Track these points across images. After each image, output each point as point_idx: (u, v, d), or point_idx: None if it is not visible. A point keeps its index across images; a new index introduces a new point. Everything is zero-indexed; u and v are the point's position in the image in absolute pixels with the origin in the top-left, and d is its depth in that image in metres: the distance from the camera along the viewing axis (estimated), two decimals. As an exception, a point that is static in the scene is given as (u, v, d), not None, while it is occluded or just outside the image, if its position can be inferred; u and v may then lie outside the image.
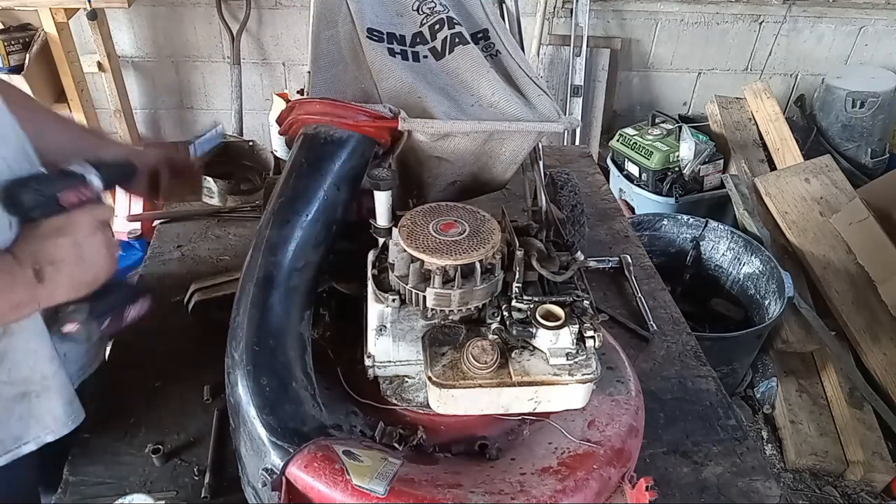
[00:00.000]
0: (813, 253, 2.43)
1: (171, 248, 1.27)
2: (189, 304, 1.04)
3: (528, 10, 2.85)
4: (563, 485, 0.70)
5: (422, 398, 0.79)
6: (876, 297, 2.30)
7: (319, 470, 0.66)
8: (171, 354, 1.02)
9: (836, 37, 3.13)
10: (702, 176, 2.79)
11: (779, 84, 3.23)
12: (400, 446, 0.75)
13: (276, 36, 2.91)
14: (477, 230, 0.75)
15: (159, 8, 2.82)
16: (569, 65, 2.94)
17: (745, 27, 3.07)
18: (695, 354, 1.10)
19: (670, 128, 2.87)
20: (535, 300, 0.73)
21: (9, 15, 2.42)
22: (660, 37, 3.07)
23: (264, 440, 0.69)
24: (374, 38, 0.93)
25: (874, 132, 2.98)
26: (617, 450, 0.75)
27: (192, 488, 0.83)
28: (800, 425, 2.20)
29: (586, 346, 0.71)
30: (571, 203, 1.12)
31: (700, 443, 0.95)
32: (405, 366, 0.78)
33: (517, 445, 0.77)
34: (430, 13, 0.96)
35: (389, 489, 0.65)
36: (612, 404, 0.80)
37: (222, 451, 0.87)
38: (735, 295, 2.40)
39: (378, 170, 0.78)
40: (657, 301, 1.22)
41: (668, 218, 2.45)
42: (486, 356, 0.70)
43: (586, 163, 1.65)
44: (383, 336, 0.76)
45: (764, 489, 0.89)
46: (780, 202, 2.56)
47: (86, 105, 2.53)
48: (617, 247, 1.36)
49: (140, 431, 0.90)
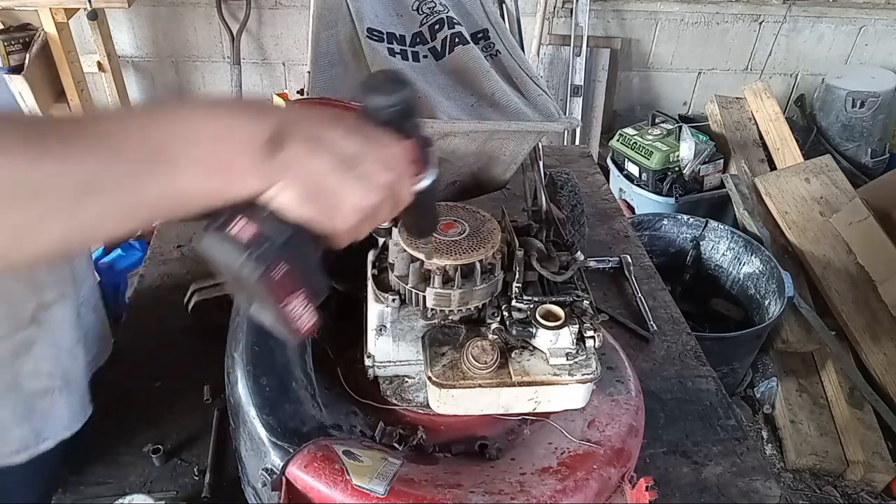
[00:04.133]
0: (813, 253, 2.43)
1: (171, 248, 1.27)
2: (189, 304, 1.04)
3: (528, 10, 2.85)
4: (563, 485, 0.70)
5: (422, 398, 0.79)
6: (876, 297, 2.30)
7: (319, 470, 0.66)
8: (171, 354, 1.02)
9: (836, 37, 3.13)
10: (702, 176, 2.79)
11: (779, 84, 3.24)
12: (400, 446, 0.75)
13: (276, 36, 2.91)
14: (477, 230, 0.75)
15: (159, 8, 2.82)
16: (569, 65, 2.94)
17: (745, 27, 3.07)
18: (695, 354, 1.10)
19: (670, 128, 2.87)
20: (535, 300, 0.73)
21: (9, 15, 2.42)
22: (660, 37, 3.07)
23: (264, 440, 0.69)
24: (374, 38, 0.93)
25: (874, 132, 2.98)
26: (617, 450, 0.75)
27: (192, 488, 0.83)
28: (800, 425, 2.20)
29: (586, 346, 0.71)
30: (571, 203, 1.12)
31: (700, 443, 0.95)
32: (405, 366, 0.78)
33: (517, 445, 0.77)
34: (430, 13, 0.96)
35: (389, 489, 0.65)
36: (612, 404, 0.80)
37: (222, 451, 0.87)
38: (735, 295, 2.40)
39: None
40: (657, 301, 1.22)
41: (668, 218, 2.45)
42: (486, 356, 0.70)
43: (586, 163, 1.65)
44: (383, 336, 0.76)
45: (764, 489, 0.89)
46: (780, 202, 2.56)
47: (86, 105, 2.53)
48: (617, 247, 1.36)
49: (140, 431, 0.90)
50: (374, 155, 0.50)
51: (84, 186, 0.41)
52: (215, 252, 0.48)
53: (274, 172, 0.46)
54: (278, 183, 0.46)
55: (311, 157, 0.47)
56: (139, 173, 0.43)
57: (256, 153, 0.45)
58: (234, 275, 0.48)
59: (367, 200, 0.50)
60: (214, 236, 0.48)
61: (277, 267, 0.48)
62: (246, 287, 0.49)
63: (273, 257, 0.48)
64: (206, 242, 0.48)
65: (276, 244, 0.48)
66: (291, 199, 0.47)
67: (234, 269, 0.47)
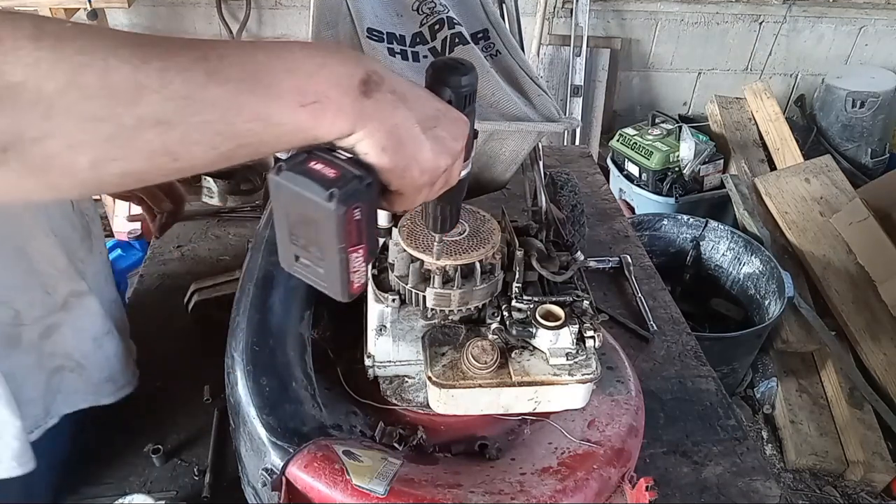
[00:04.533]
0: (813, 253, 2.43)
1: (171, 248, 1.27)
2: (189, 304, 1.04)
3: (528, 10, 2.85)
4: (563, 485, 0.70)
5: (422, 398, 0.79)
6: (876, 297, 2.30)
7: (319, 470, 0.66)
8: (171, 354, 1.02)
9: (836, 37, 3.13)
10: (702, 176, 2.79)
11: (779, 84, 3.24)
12: (400, 446, 0.75)
13: (276, 36, 2.91)
14: (477, 230, 0.75)
15: (159, 8, 2.82)
16: (569, 65, 2.94)
17: (745, 27, 3.07)
18: (695, 354, 1.10)
19: (670, 128, 2.87)
20: (535, 300, 0.73)
21: (9, 15, 2.42)
22: (660, 37, 3.07)
23: (264, 440, 0.69)
24: (374, 38, 0.93)
25: (874, 132, 2.99)
26: (617, 450, 0.74)
27: (192, 488, 0.83)
28: (800, 425, 2.21)
29: (586, 346, 0.71)
30: (571, 203, 1.12)
31: (700, 443, 0.95)
32: (405, 366, 0.78)
33: (517, 445, 0.77)
34: (429, 13, 0.96)
35: (389, 489, 0.65)
36: (612, 404, 0.80)
37: (222, 451, 0.87)
38: (735, 295, 2.40)
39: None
40: (657, 301, 1.22)
41: (668, 218, 2.45)
42: (486, 356, 0.70)
43: (586, 163, 1.65)
44: (383, 336, 0.76)
45: (764, 489, 0.89)
46: (780, 202, 2.56)
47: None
48: (617, 247, 1.36)
49: (140, 431, 0.90)
50: (448, 122, 0.51)
51: (181, 99, 0.40)
52: (296, 187, 0.47)
53: (361, 116, 0.47)
54: (362, 129, 0.47)
55: (397, 108, 0.48)
56: (237, 92, 0.42)
57: (349, 92, 0.46)
58: (313, 211, 0.47)
59: (439, 161, 0.51)
60: (295, 171, 0.47)
61: (357, 209, 0.48)
62: (320, 227, 0.48)
63: (356, 198, 0.47)
64: (284, 177, 0.47)
65: (360, 185, 0.47)
66: (372, 146, 0.48)
67: (315, 204, 0.46)
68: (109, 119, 0.39)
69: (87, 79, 0.38)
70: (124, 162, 0.41)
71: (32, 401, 0.75)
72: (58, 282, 0.75)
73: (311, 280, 0.53)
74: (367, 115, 0.47)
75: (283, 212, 0.50)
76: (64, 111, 0.38)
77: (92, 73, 0.38)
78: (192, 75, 0.41)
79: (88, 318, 0.79)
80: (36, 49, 0.37)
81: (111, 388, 0.85)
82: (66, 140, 0.38)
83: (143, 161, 0.42)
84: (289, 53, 0.46)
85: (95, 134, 0.39)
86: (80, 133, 0.39)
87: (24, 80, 0.36)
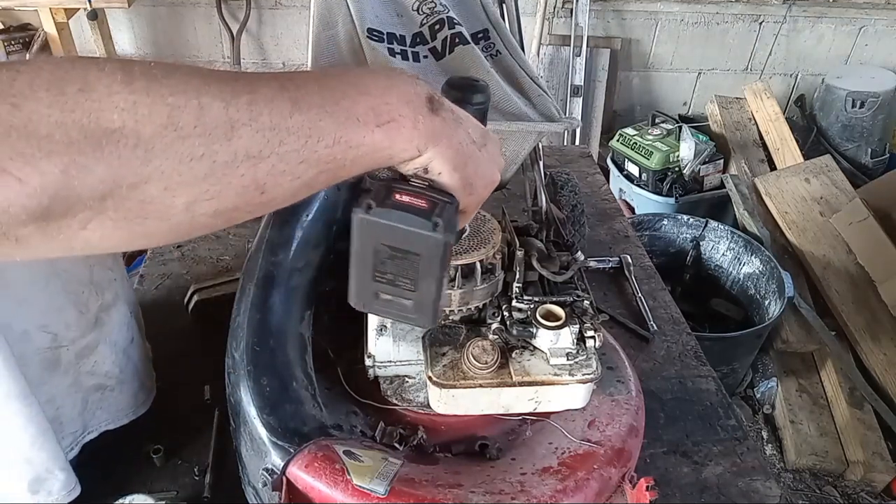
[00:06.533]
0: (813, 253, 2.43)
1: (171, 248, 1.27)
2: (189, 304, 1.04)
3: (528, 10, 2.85)
4: (563, 485, 0.70)
5: (422, 398, 0.79)
6: (876, 297, 2.30)
7: (320, 470, 0.66)
8: (171, 354, 1.02)
9: (836, 37, 3.13)
10: (702, 176, 2.79)
11: (779, 84, 3.24)
12: (400, 446, 0.75)
13: (276, 36, 2.91)
14: (477, 230, 0.75)
15: (159, 8, 2.82)
16: (569, 65, 2.94)
17: (745, 27, 3.08)
18: (695, 354, 1.10)
19: (670, 128, 2.87)
20: (535, 300, 0.73)
21: (9, 15, 2.42)
22: (660, 37, 3.07)
23: (265, 440, 0.69)
24: (374, 39, 0.93)
25: (874, 132, 2.99)
26: (617, 450, 0.75)
27: (192, 488, 0.83)
28: (800, 425, 2.21)
29: (586, 346, 0.71)
30: (571, 203, 1.12)
31: (700, 443, 0.95)
32: (405, 366, 0.78)
33: (517, 445, 0.77)
34: (430, 13, 0.96)
35: (390, 489, 0.65)
36: (613, 404, 0.80)
37: (222, 451, 0.87)
38: (735, 295, 2.40)
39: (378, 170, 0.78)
40: (657, 301, 1.22)
41: (668, 218, 2.45)
42: (487, 356, 0.70)
43: (586, 163, 1.65)
44: (383, 336, 0.76)
45: (764, 489, 0.89)
46: (780, 202, 2.56)
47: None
48: (617, 247, 1.36)
49: (140, 431, 0.90)
50: (490, 138, 0.53)
51: (269, 130, 0.41)
52: (393, 222, 0.46)
53: (433, 134, 0.47)
54: (433, 148, 0.47)
55: (458, 126, 0.49)
56: (318, 118, 0.43)
57: (420, 110, 0.47)
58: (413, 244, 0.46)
59: (495, 176, 0.52)
60: (386, 206, 0.46)
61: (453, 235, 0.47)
62: (421, 259, 0.47)
63: (454, 224, 0.47)
64: (376, 214, 0.46)
65: (452, 210, 0.47)
66: (444, 165, 0.48)
67: (418, 236, 0.45)
68: (205, 157, 0.39)
69: (183, 119, 0.37)
70: (217, 200, 0.41)
71: (72, 420, 0.76)
72: (88, 298, 0.75)
73: (393, 314, 0.52)
74: (437, 133, 0.47)
75: (370, 250, 0.48)
76: (161, 154, 0.37)
77: (187, 112, 0.37)
78: (278, 105, 0.41)
79: (118, 330, 0.79)
80: (130, 93, 0.36)
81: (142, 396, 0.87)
82: (163, 183, 0.38)
83: (235, 197, 0.42)
84: (357, 77, 0.46)
85: (192, 174, 0.39)
86: (177, 175, 0.38)
87: (122, 126, 0.35)
